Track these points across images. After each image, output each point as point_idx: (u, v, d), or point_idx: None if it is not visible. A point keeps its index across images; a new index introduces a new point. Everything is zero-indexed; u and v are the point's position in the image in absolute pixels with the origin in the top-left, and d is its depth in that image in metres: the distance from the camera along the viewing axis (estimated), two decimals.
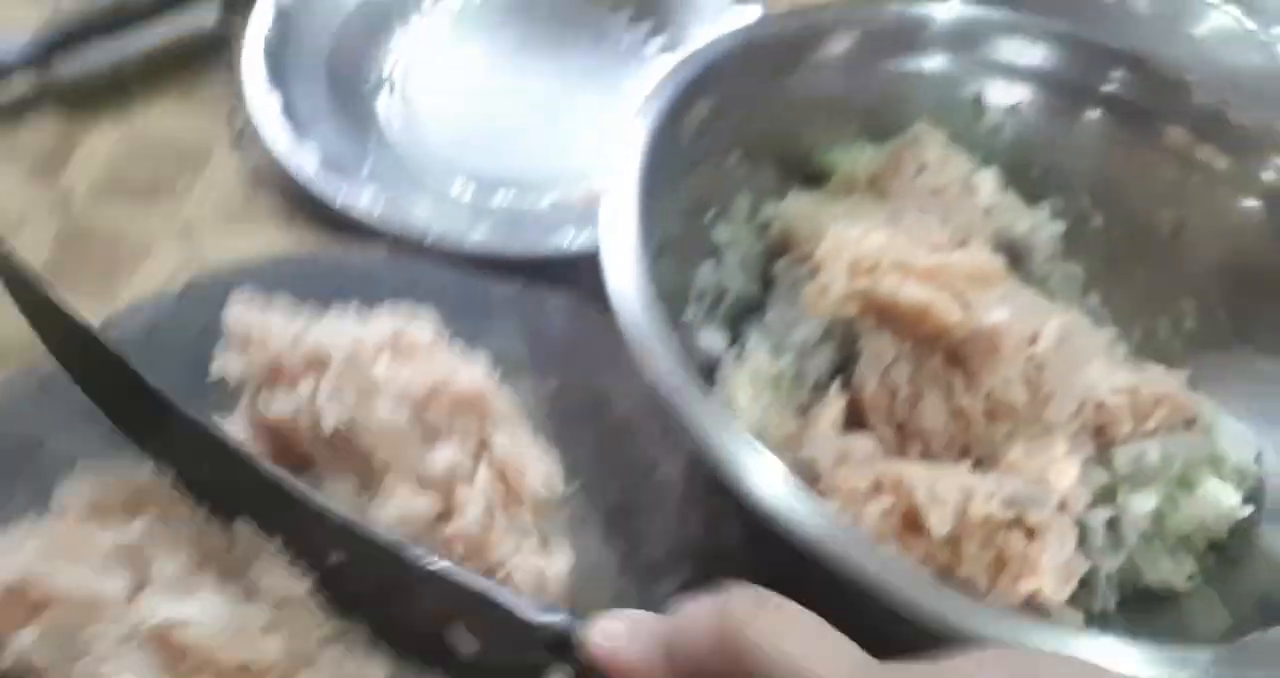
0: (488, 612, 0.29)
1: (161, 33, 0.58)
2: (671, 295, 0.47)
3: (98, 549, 0.31)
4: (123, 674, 0.29)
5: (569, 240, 0.51)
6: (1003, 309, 0.43)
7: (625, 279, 0.37)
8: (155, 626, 0.29)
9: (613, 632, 0.26)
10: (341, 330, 0.36)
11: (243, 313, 0.36)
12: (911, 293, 0.43)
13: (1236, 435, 0.47)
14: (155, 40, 0.57)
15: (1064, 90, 0.51)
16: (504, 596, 0.29)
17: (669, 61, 0.61)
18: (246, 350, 0.35)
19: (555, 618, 0.28)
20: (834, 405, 0.45)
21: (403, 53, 0.62)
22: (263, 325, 0.35)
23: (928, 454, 0.45)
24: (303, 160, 0.52)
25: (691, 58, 0.46)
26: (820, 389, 0.46)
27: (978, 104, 0.52)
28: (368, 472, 0.34)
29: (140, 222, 0.52)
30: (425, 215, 0.52)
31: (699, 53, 0.47)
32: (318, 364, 0.35)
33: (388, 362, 0.36)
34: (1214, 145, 0.49)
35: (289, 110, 0.54)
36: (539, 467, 0.36)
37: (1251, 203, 0.49)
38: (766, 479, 0.34)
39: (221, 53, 0.58)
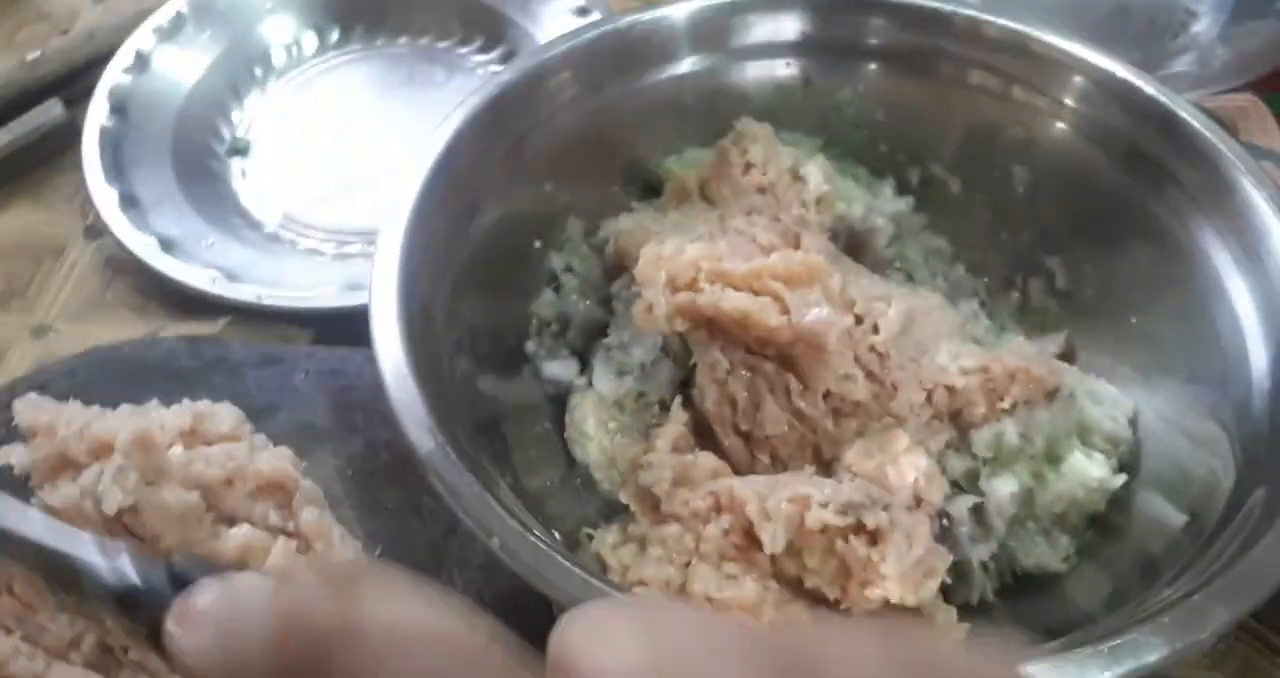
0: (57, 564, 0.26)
1: (9, 134, 0.58)
2: (507, 328, 0.46)
3: None
4: None
5: None
6: (820, 307, 0.42)
7: (388, 343, 0.36)
8: None
9: (199, 610, 0.21)
10: (132, 419, 0.36)
11: (32, 406, 0.36)
12: (731, 301, 0.42)
13: (1107, 400, 0.45)
14: (2, 142, 0.58)
15: (832, 53, 0.49)
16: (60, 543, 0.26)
17: None
18: (32, 441, 0.35)
19: (122, 572, 0.25)
20: (673, 424, 0.44)
21: (258, 113, 0.62)
22: (51, 417, 0.35)
23: (779, 462, 0.43)
24: (143, 245, 0.52)
25: (467, 100, 0.45)
26: (665, 409, 0.45)
27: (809, 87, 0.50)
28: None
29: None
30: (270, 278, 0.52)
31: (486, 85, 0.45)
32: (103, 451, 0.35)
33: (181, 449, 0.35)
34: (1019, 81, 0.47)
35: (130, 198, 0.55)
36: (345, 541, 0.36)
37: (1068, 132, 0.47)
38: (512, 540, 0.33)
39: (70, 146, 0.59)
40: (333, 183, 0.59)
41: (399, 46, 0.65)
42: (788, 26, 0.49)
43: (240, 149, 0.61)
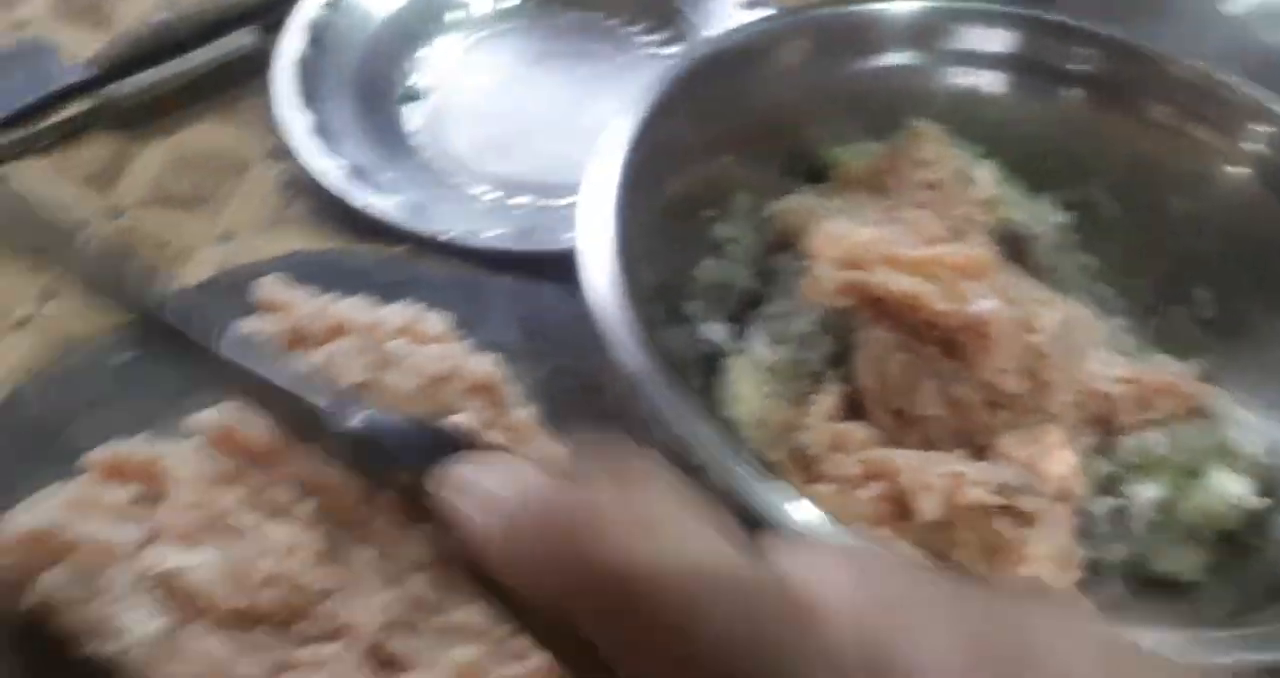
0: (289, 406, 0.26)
1: (205, 56, 0.62)
2: (670, 290, 0.49)
3: (114, 504, 0.34)
4: (132, 614, 0.31)
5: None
6: (992, 299, 0.44)
7: (600, 275, 0.39)
8: (162, 572, 0.32)
9: (472, 483, 0.20)
10: (360, 310, 0.39)
11: (271, 285, 0.38)
12: (902, 283, 0.44)
13: (1248, 428, 0.46)
14: (199, 63, 0.61)
15: (1038, 73, 0.51)
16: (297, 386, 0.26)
17: None
18: (274, 315, 0.37)
19: (359, 419, 0.24)
20: (830, 394, 0.45)
21: (429, 65, 0.65)
22: (289, 297, 0.37)
23: (927, 443, 0.45)
24: (331, 171, 0.55)
25: (673, 65, 0.47)
26: (818, 379, 0.47)
27: (976, 96, 0.52)
28: None
29: (184, 228, 0.56)
30: (445, 217, 0.55)
31: (680, 58, 0.48)
32: (337, 333, 0.37)
33: (402, 344, 0.38)
34: (1202, 121, 0.48)
35: (319, 124, 0.57)
36: (549, 442, 0.38)
37: (1246, 175, 0.48)
38: (724, 460, 0.35)
39: (259, 72, 0.62)
40: (496, 137, 0.62)
41: (569, 18, 0.68)
42: (996, 40, 0.51)
43: (413, 95, 0.63)
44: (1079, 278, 0.51)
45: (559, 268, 0.49)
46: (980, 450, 0.45)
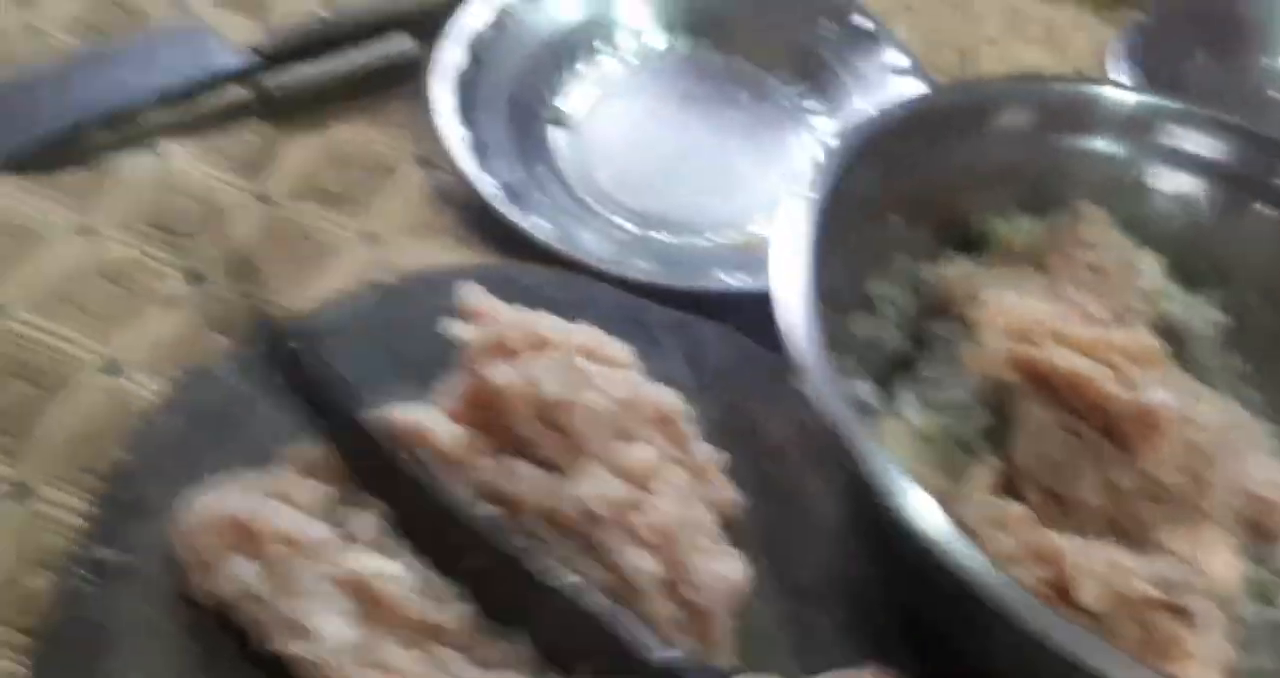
0: (606, 639, 0.30)
1: (360, 57, 0.62)
2: (829, 344, 0.48)
3: (308, 502, 0.33)
4: (325, 616, 0.30)
5: (727, 279, 0.53)
6: (1165, 390, 0.44)
7: (797, 323, 0.39)
8: (358, 575, 0.31)
9: None
10: (558, 327, 0.39)
11: (474, 292, 0.38)
12: (1073, 363, 0.44)
13: None
14: (354, 63, 0.62)
15: (1234, 183, 0.52)
16: (624, 625, 0.30)
17: (826, 123, 0.65)
18: (476, 322, 0.37)
19: (671, 657, 0.29)
20: (987, 467, 0.45)
21: (577, 91, 0.65)
22: (491, 305, 0.37)
23: (1077, 527, 0.45)
24: (486, 185, 0.55)
25: (866, 122, 0.48)
26: (968, 451, 0.47)
27: (1142, 188, 0.53)
28: (565, 452, 0.36)
29: (330, 224, 0.56)
30: (590, 244, 0.55)
31: (874, 117, 0.48)
32: (539, 344, 0.37)
33: (590, 364, 0.38)
34: None
35: (474, 139, 0.58)
36: (725, 479, 0.38)
37: None
38: (929, 514, 0.35)
39: (411, 78, 0.62)
40: (637, 171, 0.62)
41: (715, 62, 0.69)
42: (1201, 145, 0.51)
43: (561, 120, 0.64)
44: (1230, 380, 0.51)
45: (707, 309, 0.50)
46: (1132, 541, 0.44)
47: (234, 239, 0.54)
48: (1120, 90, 0.52)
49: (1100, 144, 0.52)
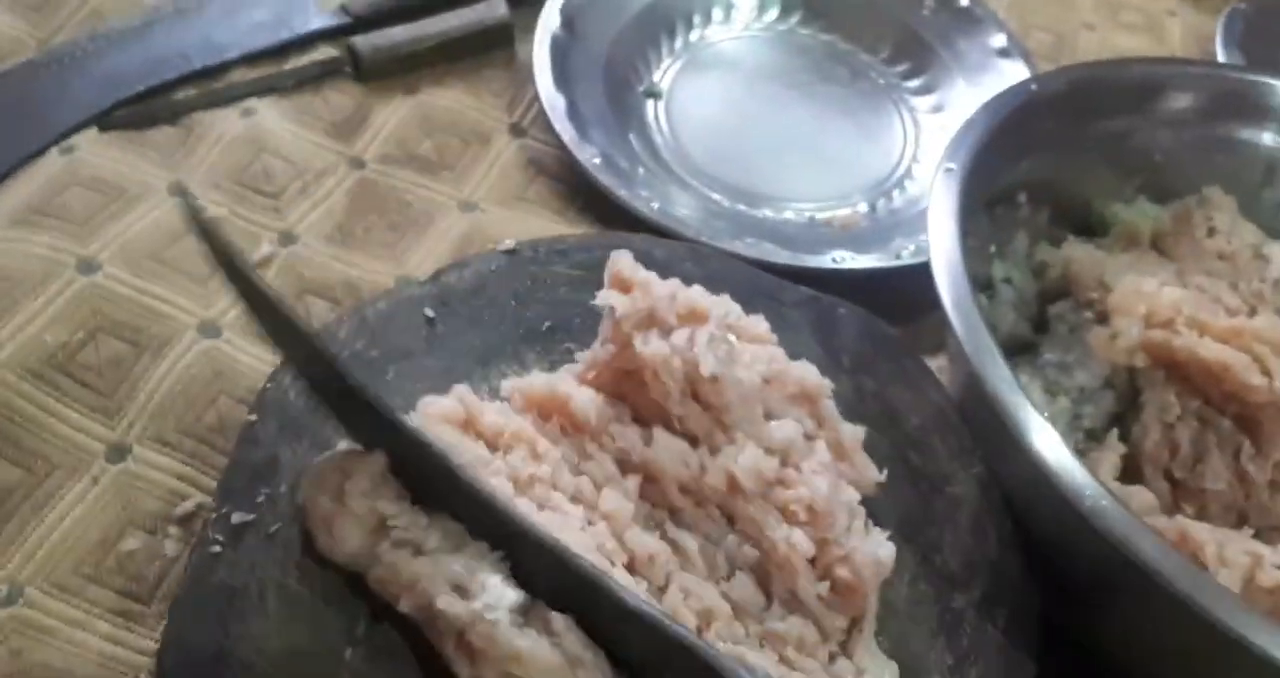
0: (694, 663, 0.29)
1: (455, 21, 0.61)
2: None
3: None
4: (491, 579, 0.30)
5: (842, 259, 0.51)
6: None
7: (962, 308, 0.38)
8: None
9: None
10: (707, 300, 0.37)
11: (626, 262, 0.37)
12: (1211, 351, 0.43)
13: None
14: (448, 27, 0.60)
15: None
16: (710, 653, 0.29)
17: (925, 102, 0.64)
18: (629, 292, 0.36)
19: None
20: (1112, 453, 0.44)
21: (673, 65, 0.64)
22: (645, 276, 0.36)
23: (1203, 516, 0.43)
24: (586, 154, 0.54)
25: (1016, 91, 0.46)
26: (1093, 437, 0.45)
27: (1271, 175, 0.52)
28: (710, 428, 0.35)
29: (427, 190, 0.54)
30: (691, 218, 0.54)
31: (1026, 87, 0.47)
32: (693, 318, 0.36)
33: (735, 338, 0.37)
34: None
35: (571, 106, 0.56)
36: (865, 457, 0.37)
37: None
38: (1078, 472, 0.34)
39: (504, 44, 0.61)
40: (732, 146, 0.61)
41: (814, 38, 0.67)
42: None
43: (655, 93, 0.62)
44: None
45: (822, 284, 0.48)
46: (1257, 532, 0.43)
47: (326, 202, 0.53)
48: None
49: (1253, 134, 0.51)
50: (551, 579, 0.31)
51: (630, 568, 0.33)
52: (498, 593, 0.30)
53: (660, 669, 0.31)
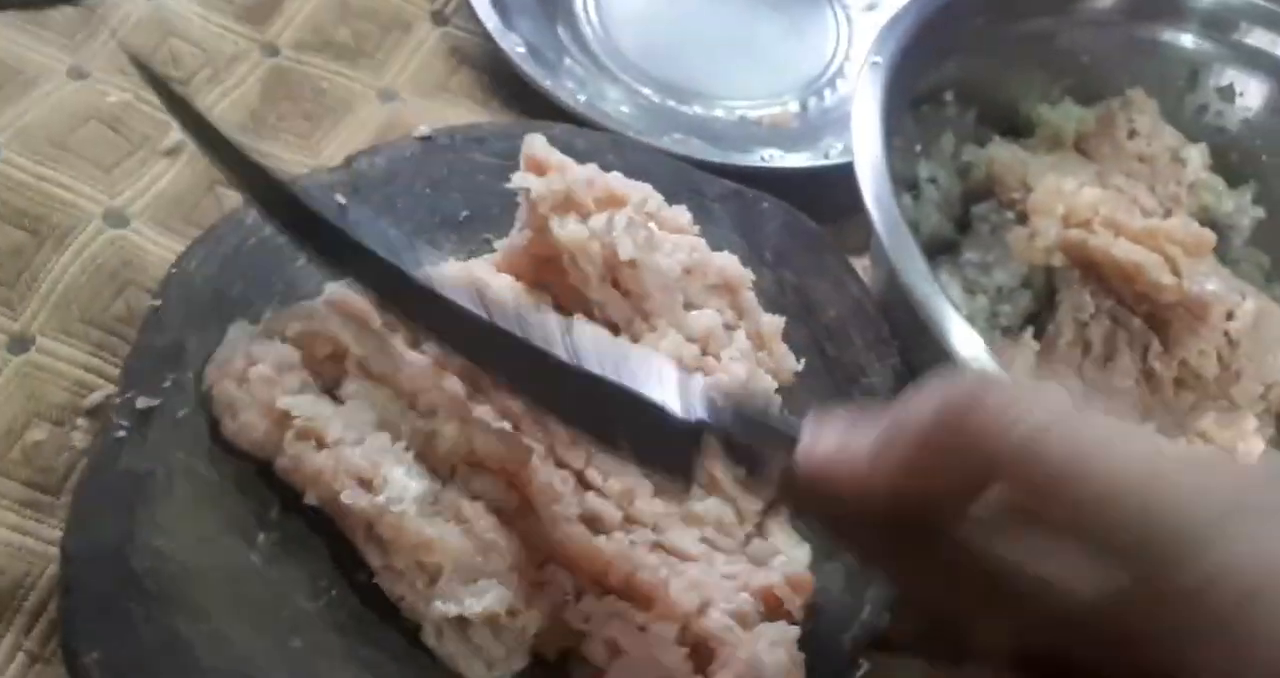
0: (637, 410, 0.28)
1: None
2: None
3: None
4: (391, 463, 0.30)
5: (771, 157, 0.51)
6: (1214, 281, 0.43)
7: (883, 207, 0.38)
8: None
9: (824, 442, 0.25)
10: (626, 186, 0.37)
11: (541, 145, 0.36)
12: (1126, 251, 0.43)
13: None
14: None
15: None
16: (650, 395, 0.28)
17: (858, 1, 0.62)
18: (545, 175, 0.35)
19: (698, 417, 0.28)
20: (1025, 350, 0.45)
21: None
22: (561, 160, 0.35)
23: (1111, 412, 0.45)
24: (510, 42, 0.52)
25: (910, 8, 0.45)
26: (1010, 334, 0.46)
27: (1194, 79, 0.52)
28: (630, 316, 0.35)
29: (344, 79, 0.52)
30: (619, 112, 0.52)
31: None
32: (611, 203, 0.35)
33: (656, 227, 0.36)
34: None
35: None
36: (784, 348, 0.37)
37: None
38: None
39: None
40: (663, 41, 0.59)
41: None
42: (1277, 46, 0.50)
43: None
44: (1256, 275, 0.51)
45: (758, 182, 0.48)
46: (1160, 428, 0.45)
47: (238, 90, 0.51)
48: None
49: (1173, 36, 0.51)
50: (509, 364, 0.30)
51: (550, 451, 0.33)
52: (402, 485, 0.30)
53: (607, 428, 0.30)
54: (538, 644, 0.31)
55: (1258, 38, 0.50)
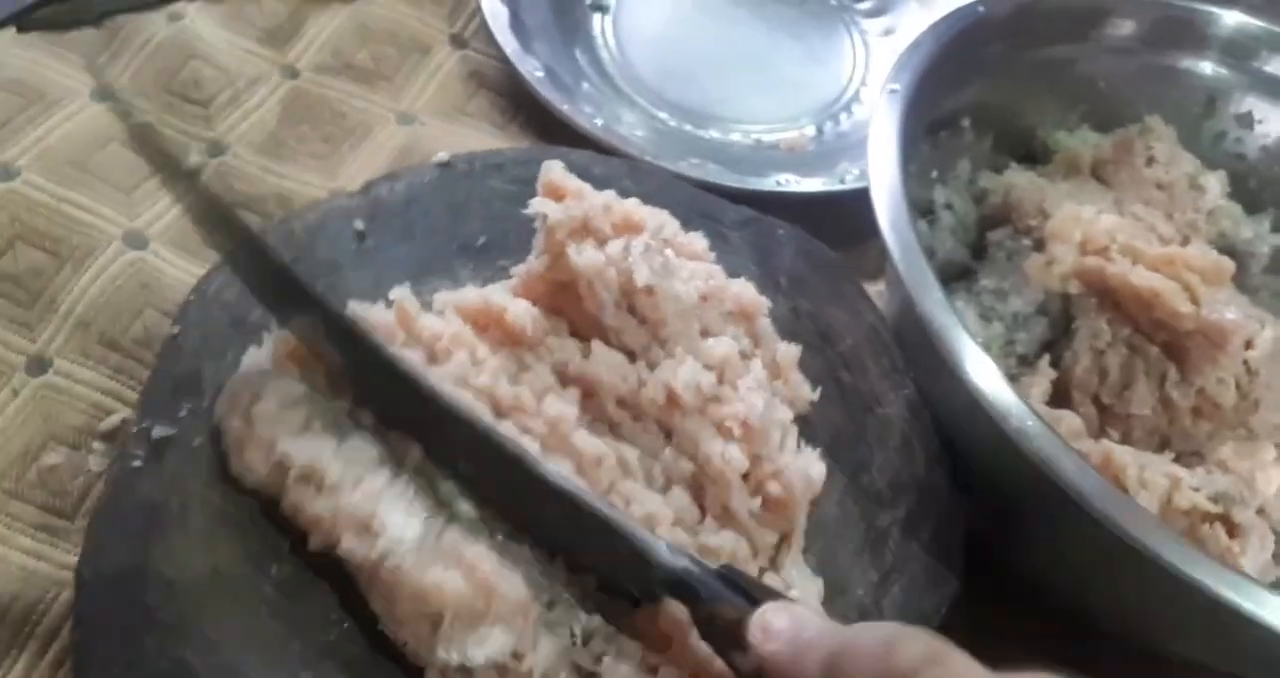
0: (614, 540, 0.30)
1: None
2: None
3: None
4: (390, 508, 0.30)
5: (786, 182, 0.51)
6: (1233, 309, 0.43)
7: (899, 233, 0.38)
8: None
9: (776, 629, 0.28)
10: (643, 212, 0.37)
11: (559, 170, 0.36)
12: (1143, 278, 0.43)
13: None
14: None
15: None
16: (634, 529, 0.30)
17: (876, 25, 0.63)
18: (562, 201, 0.35)
19: (682, 564, 0.30)
20: (1042, 378, 0.44)
21: None
22: (578, 186, 0.35)
23: (1127, 441, 0.45)
24: (528, 66, 0.52)
25: (961, 15, 0.45)
26: (1026, 362, 0.46)
27: (1211, 106, 0.52)
28: (646, 342, 0.35)
29: (362, 102, 0.53)
30: (636, 136, 0.53)
31: (971, 10, 0.46)
32: (629, 228, 0.35)
33: (673, 253, 0.36)
34: None
35: (514, 17, 0.55)
36: (800, 376, 0.37)
37: None
38: (1005, 394, 0.35)
39: None
40: (680, 65, 0.60)
41: None
42: None
43: (602, 6, 0.61)
44: (1276, 303, 0.51)
45: (774, 207, 0.48)
46: (1176, 457, 0.44)
47: (258, 111, 0.51)
48: (1234, 13, 0.50)
49: (1192, 64, 0.51)
50: (473, 461, 0.31)
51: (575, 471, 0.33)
52: (399, 530, 0.29)
53: (586, 552, 0.31)
54: None
55: (1278, 66, 0.50)
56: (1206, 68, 0.51)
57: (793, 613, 0.28)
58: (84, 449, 0.40)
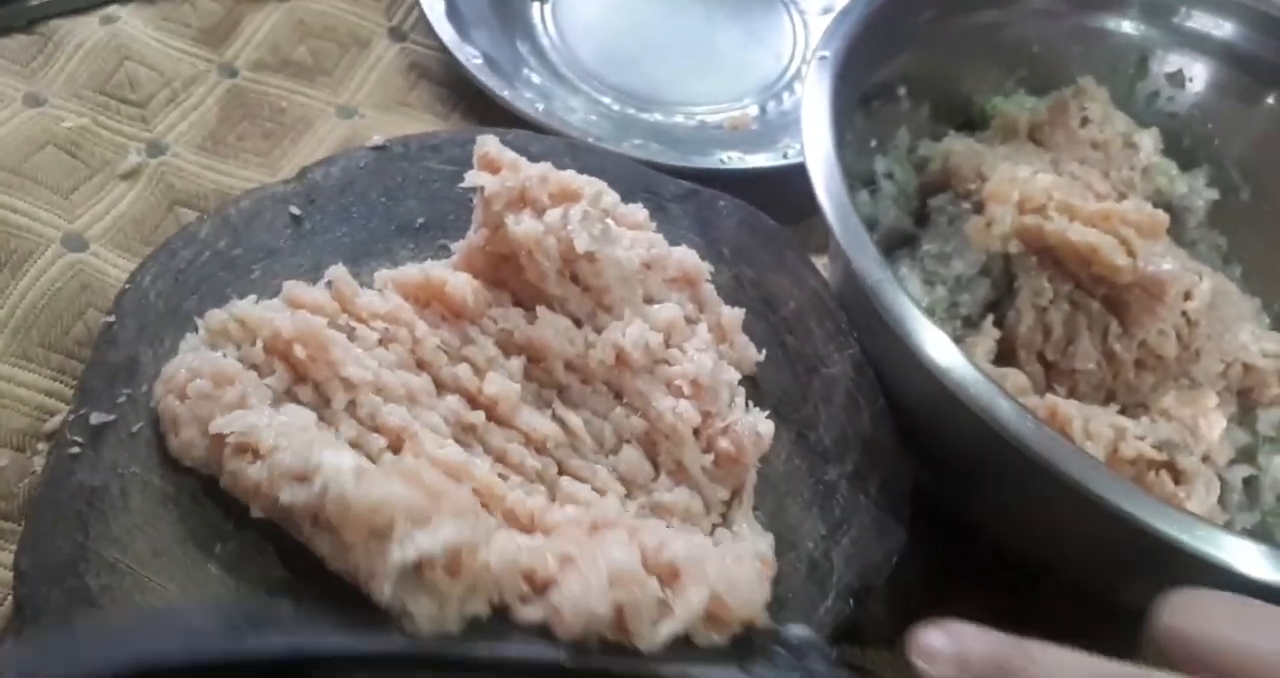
0: None
1: None
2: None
3: None
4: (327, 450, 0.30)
5: (731, 159, 0.51)
6: (1170, 261, 0.44)
7: (834, 197, 0.38)
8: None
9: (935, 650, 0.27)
10: (581, 181, 0.37)
11: (494, 144, 0.36)
12: (1080, 234, 0.44)
13: None
14: None
15: (1242, 65, 0.51)
16: None
17: (814, 4, 0.63)
18: (498, 173, 0.35)
19: None
20: (986, 338, 0.45)
21: None
22: (514, 158, 0.35)
23: (1074, 395, 0.45)
24: (467, 55, 0.52)
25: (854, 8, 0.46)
26: (970, 323, 0.46)
27: (1143, 66, 0.52)
28: (591, 309, 0.35)
29: (302, 97, 0.52)
30: (579, 120, 0.53)
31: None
32: (566, 197, 0.35)
33: (612, 222, 0.36)
34: None
35: (451, 8, 0.55)
36: (745, 338, 0.37)
37: None
38: (949, 353, 0.35)
39: None
40: (621, 49, 0.60)
41: None
42: (1218, 28, 0.51)
43: None
44: (1213, 256, 0.52)
45: (719, 185, 0.48)
46: (1122, 409, 0.45)
47: (196, 111, 0.51)
48: None
49: (1117, 23, 0.51)
50: None
51: (526, 443, 0.33)
52: (334, 466, 0.29)
53: None
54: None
55: (1198, 21, 0.51)
56: (1130, 27, 0.51)
57: (956, 630, 0.27)
58: (28, 451, 0.39)
